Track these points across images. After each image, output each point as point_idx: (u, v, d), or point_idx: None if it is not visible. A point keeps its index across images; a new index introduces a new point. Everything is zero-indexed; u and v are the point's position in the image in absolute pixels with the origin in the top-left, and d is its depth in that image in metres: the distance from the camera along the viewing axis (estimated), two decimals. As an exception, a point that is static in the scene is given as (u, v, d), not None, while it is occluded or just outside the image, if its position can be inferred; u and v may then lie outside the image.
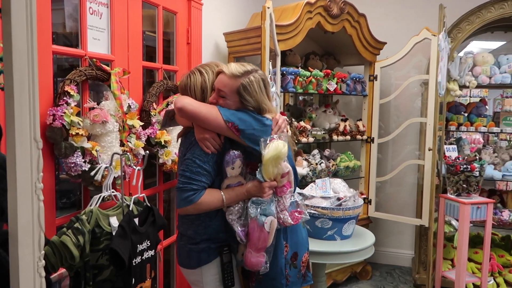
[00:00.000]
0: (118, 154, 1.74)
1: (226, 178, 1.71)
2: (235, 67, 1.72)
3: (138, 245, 1.68)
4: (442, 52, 3.20)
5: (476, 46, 6.08)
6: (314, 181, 2.62)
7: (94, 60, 1.87)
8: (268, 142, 1.64)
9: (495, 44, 6.18)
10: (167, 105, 2.38)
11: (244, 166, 1.75)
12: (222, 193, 1.69)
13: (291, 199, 1.76)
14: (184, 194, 1.63)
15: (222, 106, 1.70)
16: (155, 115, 2.25)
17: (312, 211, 2.42)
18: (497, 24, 3.71)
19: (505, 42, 5.90)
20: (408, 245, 4.26)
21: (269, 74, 2.63)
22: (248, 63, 1.80)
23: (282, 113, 3.00)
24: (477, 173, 3.17)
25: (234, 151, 1.69)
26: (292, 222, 1.71)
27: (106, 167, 1.72)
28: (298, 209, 1.77)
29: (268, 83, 1.81)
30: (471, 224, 3.34)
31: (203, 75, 1.79)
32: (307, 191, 2.58)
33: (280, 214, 1.71)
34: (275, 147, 1.62)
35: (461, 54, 3.74)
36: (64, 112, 1.64)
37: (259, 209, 1.66)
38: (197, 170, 1.65)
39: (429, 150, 3.38)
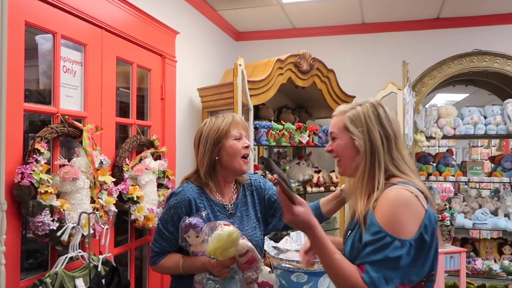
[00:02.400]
0: (86, 213, 1.71)
1: (191, 245, 1.61)
2: (344, 106, 1.45)
3: (106, 308, 1.62)
4: (408, 105, 3.34)
5: (441, 98, 6.38)
6: (289, 234, 2.61)
7: (66, 117, 1.88)
8: (210, 231, 1.49)
9: (459, 96, 6.50)
10: (140, 160, 2.38)
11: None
12: (181, 260, 1.65)
13: (259, 271, 1.61)
14: (151, 253, 1.72)
15: (334, 148, 1.41)
16: (127, 170, 2.24)
17: (287, 265, 2.39)
18: (458, 78, 3.93)
19: (468, 95, 6.21)
20: (386, 297, 4.20)
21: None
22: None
23: (256, 166, 3.03)
24: (448, 222, 3.23)
25: (188, 219, 1.57)
26: None
27: (73, 226, 1.68)
28: (268, 282, 1.69)
29: (383, 109, 1.39)
30: (447, 274, 3.34)
31: (205, 125, 1.73)
32: (281, 244, 2.56)
33: None
34: (218, 238, 1.45)
35: (427, 106, 3.91)
36: (33, 170, 1.62)
37: (216, 285, 1.56)
38: (160, 234, 1.68)
39: (401, 200, 3.43)
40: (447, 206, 3.38)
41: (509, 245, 3.86)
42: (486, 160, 7.03)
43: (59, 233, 1.64)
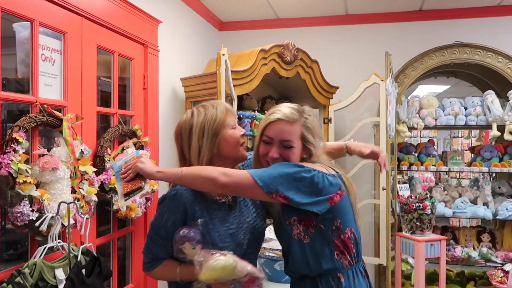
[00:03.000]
0: (65, 202, 1.69)
1: (187, 255, 1.49)
2: (288, 110, 1.51)
3: (86, 298, 1.61)
4: (390, 96, 3.38)
5: (423, 89, 6.46)
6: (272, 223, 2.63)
7: (45, 106, 1.85)
8: (202, 258, 1.39)
9: (441, 88, 6.60)
10: (122, 150, 2.35)
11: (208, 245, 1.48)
12: (178, 268, 1.52)
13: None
14: (144, 259, 1.58)
15: (288, 159, 1.49)
16: (109, 160, 2.22)
17: (271, 254, 2.41)
18: (440, 70, 3.98)
19: (449, 86, 6.31)
20: (368, 285, 4.27)
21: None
22: (290, 104, 1.59)
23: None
24: (429, 211, 3.29)
25: (183, 230, 1.45)
26: None
27: (52, 216, 1.66)
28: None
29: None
30: (427, 261, 3.41)
31: (193, 117, 1.55)
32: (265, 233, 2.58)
33: None
34: (212, 269, 1.36)
35: (409, 97, 3.96)
36: (11, 160, 1.60)
37: None
38: (154, 240, 1.54)
39: (383, 189, 3.48)
40: (428, 195, 3.44)
41: (487, 233, 3.96)
42: (466, 150, 7.17)
43: (37, 223, 1.62)
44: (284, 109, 1.51)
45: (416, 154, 4.03)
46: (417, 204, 3.30)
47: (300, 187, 1.41)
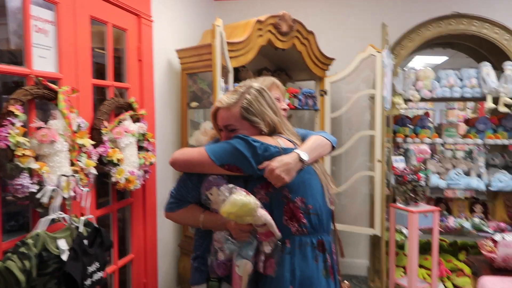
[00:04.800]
0: (65, 175, 1.69)
1: (213, 202, 1.57)
2: (227, 97, 1.64)
3: (88, 267, 1.64)
4: (386, 68, 3.36)
5: (420, 61, 6.42)
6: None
7: (40, 78, 1.83)
8: (227, 193, 1.47)
9: (438, 59, 6.56)
10: (119, 122, 2.35)
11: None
12: (202, 214, 1.61)
13: (272, 248, 1.54)
14: (170, 199, 1.66)
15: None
16: (106, 133, 2.21)
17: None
18: (437, 41, 3.95)
19: (447, 58, 6.27)
20: (363, 255, 4.38)
21: (222, 91, 2.66)
22: (239, 85, 1.71)
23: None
24: (423, 183, 3.33)
25: (212, 176, 1.57)
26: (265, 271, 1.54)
27: (53, 189, 1.67)
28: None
29: (267, 94, 1.68)
30: (421, 232, 3.48)
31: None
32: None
33: (260, 261, 1.54)
34: (232, 203, 1.43)
35: (406, 69, 3.94)
36: (9, 133, 1.59)
37: (235, 247, 1.53)
38: (185, 183, 1.63)
39: (378, 161, 3.52)
40: (422, 167, 3.48)
41: (480, 204, 4.03)
42: (462, 122, 7.19)
43: (38, 195, 1.63)
44: (223, 97, 1.66)
45: (412, 127, 4.05)
46: (411, 176, 3.34)
47: (247, 157, 1.53)
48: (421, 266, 3.79)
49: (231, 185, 1.50)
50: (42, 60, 1.94)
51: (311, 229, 1.59)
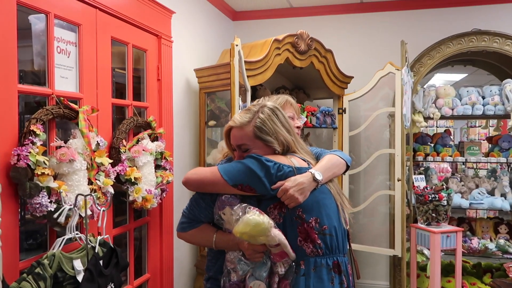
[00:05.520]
0: (82, 195, 1.70)
1: (226, 222, 1.55)
2: (240, 116, 1.62)
3: (104, 288, 1.64)
4: (406, 85, 3.33)
5: (440, 78, 6.36)
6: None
7: (62, 98, 1.86)
8: (241, 213, 1.45)
9: (458, 77, 6.48)
10: (137, 141, 2.37)
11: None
12: (215, 234, 1.59)
13: (285, 269, 1.51)
14: (182, 219, 1.64)
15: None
16: (124, 151, 2.23)
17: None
18: (457, 58, 3.90)
19: (466, 75, 6.19)
20: (383, 276, 4.26)
21: (239, 109, 2.66)
22: (253, 104, 1.70)
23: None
24: (445, 202, 3.25)
25: (225, 196, 1.55)
26: None
27: (70, 208, 1.68)
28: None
29: (280, 112, 1.65)
30: (443, 253, 3.38)
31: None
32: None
33: (273, 282, 1.51)
34: (245, 223, 1.40)
35: (425, 86, 3.89)
36: (29, 152, 1.62)
37: (248, 267, 1.51)
38: (198, 202, 1.61)
39: (398, 180, 3.45)
40: (444, 186, 3.39)
41: (505, 224, 3.90)
42: (483, 140, 7.05)
43: (55, 215, 1.64)
44: (236, 116, 1.64)
45: (432, 145, 3.97)
46: (433, 195, 3.26)
47: (261, 178, 1.51)
48: (443, 288, 3.67)
49: (244, 205, 1.47)
50: (64, 80, 1.98)
51: (326, 250, 1.55)
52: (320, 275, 1.52)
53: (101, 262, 1.67)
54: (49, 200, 1.66)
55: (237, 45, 2.63)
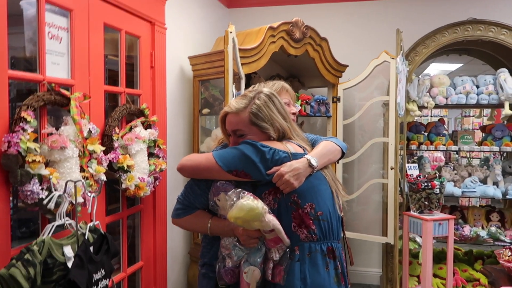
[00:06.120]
0: (72, 181, 1.69)
1: (220, 208, 1.55)
2: (236, 102, 1.62)
3: (94, 275, 1.63)
4: (400, 74, 3.32)
5: (435, 67, 6.36)
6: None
7: (53, 85, 1.84)
8: (235, 198, 1.44)
9: (453, 66, 6.48)
10: (130, 129, 2.36)
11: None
12: (210, 220, 1.59)
13: (280, 255, 1.52)
14: (176, 205, 1.65)
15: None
16: (117, 139, 2.22)
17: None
18: (452, 47, 3.89)
19: (461, 65, 6.19)
20: (376, 263, 4.31)
21: (233, 97, 2.65)
22: (249, 90, 1.71)
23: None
24: (437, 190, 3.27)
25: (220, 182, 1.55)
26: (275, 280, 1.52)
27: (60, 195, 1.67)
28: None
29: (276, 99, 1.66)
30: (435, 240, 3.41)
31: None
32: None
33: (268, 268, 1.52)
34: (239, 208, 1.40)
35: (420, 76, 3.89)
36: (20, 139, 1.60)
37: (243, 253, 1.52)
38: (193, 189, 1.62)
39: (391, 169, 3.47)
40: (437, 175, 3.42)
41: (496, 212, 3.94)
42: (477, 130, 7.08)
43: (45, 202, 1.64)
44: (232, 102, 1.65)
45: (426, 134, 3.99)
46: (425, 184, 3.28)
47: (256, 163, 1.52)
48: (435, 275, 3.71)
49: (239, 190, 1.48)
50: (56, 66, 1.95)
51: (321, 235, 1.56)
52: (315, 260, 1.54)
53: (91, 248, 1.67)
54: (40, 188, 1.65)
55: (231, 32, 2.61)
